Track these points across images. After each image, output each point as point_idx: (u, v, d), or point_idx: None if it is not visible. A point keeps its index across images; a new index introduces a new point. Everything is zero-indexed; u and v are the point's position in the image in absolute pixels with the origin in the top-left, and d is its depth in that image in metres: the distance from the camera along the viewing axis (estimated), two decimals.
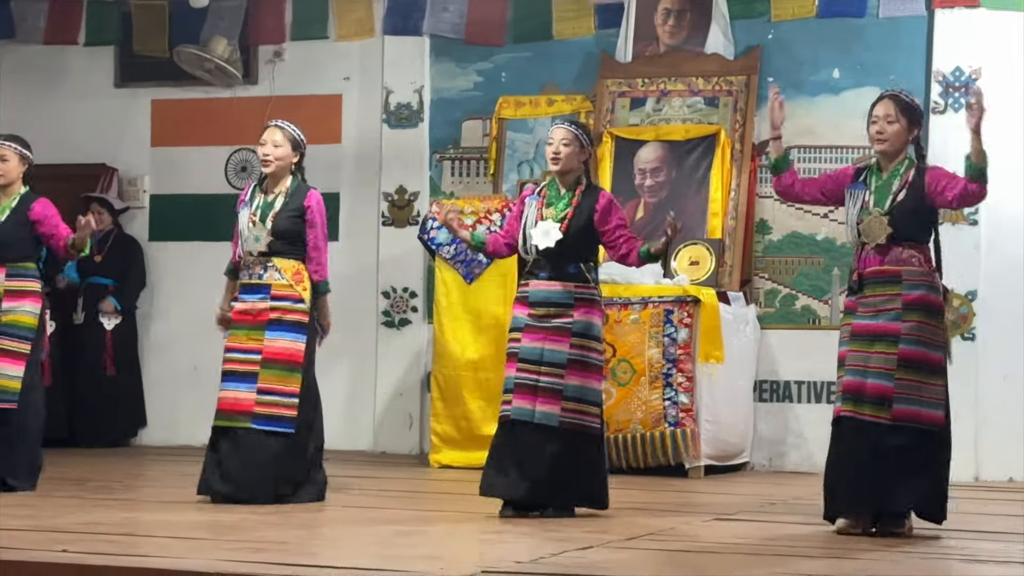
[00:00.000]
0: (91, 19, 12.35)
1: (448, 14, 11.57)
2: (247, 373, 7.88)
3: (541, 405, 7.29)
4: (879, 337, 6.92)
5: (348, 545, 6.43)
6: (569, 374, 7.31)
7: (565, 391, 7.30)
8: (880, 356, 6.89)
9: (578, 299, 7.36)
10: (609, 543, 6.46)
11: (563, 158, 7.43)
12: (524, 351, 7.36)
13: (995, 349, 10.34)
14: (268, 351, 7.89)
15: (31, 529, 6.56)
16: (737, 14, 11.00)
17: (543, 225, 7.41)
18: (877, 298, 6.97)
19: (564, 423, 7.29)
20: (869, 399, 6.86)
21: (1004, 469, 10.28)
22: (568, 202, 7.44)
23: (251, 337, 7.92)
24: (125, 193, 12.26)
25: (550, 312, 7.36)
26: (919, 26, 10.63)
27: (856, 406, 6.88)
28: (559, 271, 7.39)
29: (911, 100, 7.15)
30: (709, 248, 10.44)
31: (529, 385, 7.32)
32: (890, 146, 7.07)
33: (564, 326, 7.33)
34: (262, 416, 7.85)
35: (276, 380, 7.89)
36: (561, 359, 7.31)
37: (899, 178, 7.07)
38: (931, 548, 6.58)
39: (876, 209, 7.02)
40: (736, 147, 10.72)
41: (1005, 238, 10.38)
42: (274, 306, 7.92)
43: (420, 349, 11.53)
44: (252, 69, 12.07)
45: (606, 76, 11.16)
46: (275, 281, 7.95)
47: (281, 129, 8.12)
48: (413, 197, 11.65)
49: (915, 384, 6.87)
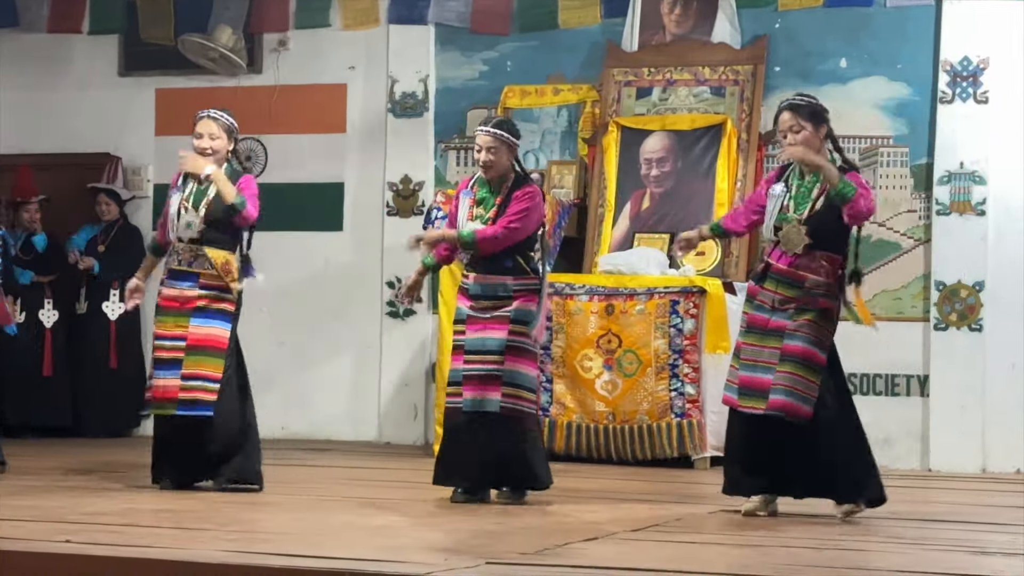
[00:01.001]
0: (95, 7, 12.32)
1: (454, 3, 11.53)
2: (173, 360, 7.90)
3: (490, 393, 7.43)
4: (769, 332, 7.08)
5: (352, 536, 6.41)
6: (507, 360, 7.44)
7: (503, 377, 7.43)
8: (768, 351, 7.07)
9: (517, 291, 7.51)
10: (614, 534, 6.44)
11: (494, 164, 7.54)
12: (469, 343, 7.50)
13: (1002, 340, 10.31)
14: (192, 337, 7.91)
15: (34, 519, 6.55)
16: (744, 3, 10.96)
17: (469, 227, 7.52)
18: (776, 296, 7.10)
19: (504, 408, 7.44)
20: (756, 392, 7.06)
21: (1011, 460, 10.26)
22: (493, 202, 7.56)
23: (178, 324, 7.94)
24: (129, 182, 12.24)
25: (489, 304, 7.51)
26: (927, 15, 10.59)
27: (749, 400, 7.08)
28: (494, 266, 7.53)
29: (808, 102, 7.20)
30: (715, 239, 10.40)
31: (478, 375, 7.46)
32: (802, 152, 7.09)
33: (503, 315, 7.47)
34: (185, 402, 7.88)
35: (198, 366, 7.90)
36: (500, 346, 7.43)
37: (819, 184, 7.10)
38: (938, 540, 6.55)
39: (795, 216, 7.09)
40: (742, 137, 10.69)
41: (1013, 229, 10.34)
42: (202, 294, 7.93)
43: (424, 339, 11.51)
44: (257, 58, 12.04)
45: (612, 65, 11.12)
46: (204, 270, 7.95)
47: (215, 120, 8.07)
48: (418, 187, 11.62)
49: (789, 376, 7.01)
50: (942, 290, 10.39)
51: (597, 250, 10.69)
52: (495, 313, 7.47)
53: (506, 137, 7.55)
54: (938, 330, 10.40)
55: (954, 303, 10.37)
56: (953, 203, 10.41)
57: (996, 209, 10.35)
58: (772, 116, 10.44)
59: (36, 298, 11.76)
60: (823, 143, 7.15)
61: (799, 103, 7.18)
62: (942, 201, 10.42)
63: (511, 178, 7.58)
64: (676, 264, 10.26)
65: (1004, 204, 10.33)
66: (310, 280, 11.86)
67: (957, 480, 9.67)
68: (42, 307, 11.77)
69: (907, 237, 10.55)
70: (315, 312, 11.80)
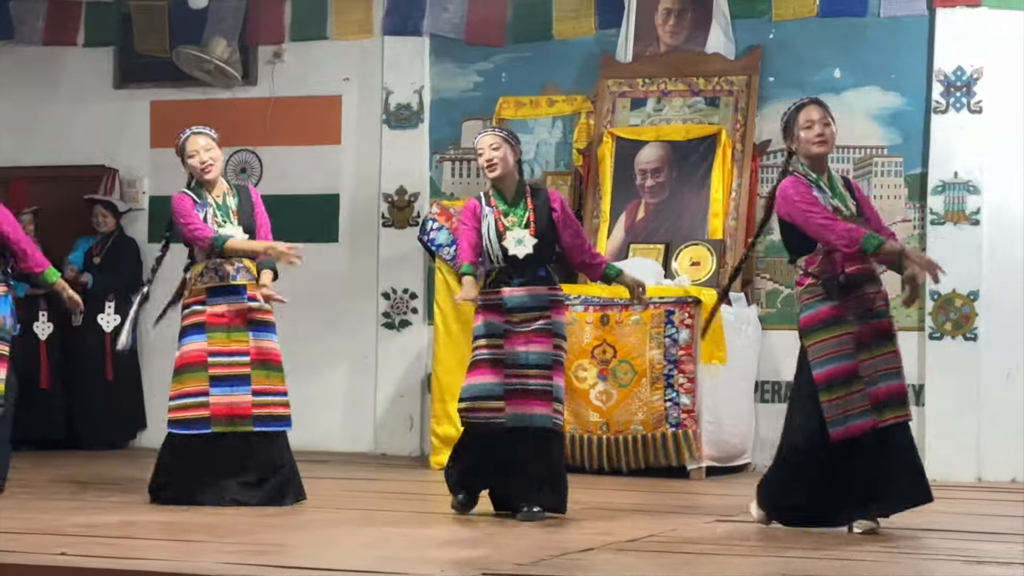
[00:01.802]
0: (90, 20, 12.33)
1: (448, 14, 11.55)
2: (237, 376, 7.84)
3: (539, 408, 7.33)
4: (879, 338, 6.96)
5: (348, 547, 6.41)
6: (555, 375, 7.39)
7: (554, 391, 7.37)
8: (883, 357, 6.93)
9: (552, 301, 7.47)
10: (610, 544, 6.44)
11: (499, 162, 7.49)
12: (510, 356, 7.39)
13: (997, 349, 10.32)
14: (256, 351, 7.89)
15: (30, 531, 6.55)
16: (738, 14, 10.97)
17: (512, 235, 7.45)
18: (866, 297, 6.96)
19: (555, 423, 7.38)
20: (892, 402, 6.91)
21: (1007, 469, 10.26)
22: (525, 206, 7.50)
23: (232, 339, 7.89)
24: (125, 195, 12.25)
25: (528, 316, 7.42)
26: (920, 25, 10.61)
27: (882, 414, 6.88)
28: (531, 276, 7.47)
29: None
30: (710, 249, 10.42)
31: (520, 390, 7.36)
32: (830, 148, 7.14)
33: (545, 328, 7.40)
34: (261, 417, 7.85)
35: (268, 380, 7.91)
36: (548, 361, 7.38)
37: (848, 188, 7.15)
38: (934, 550, 6.56)
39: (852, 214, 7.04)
40: (737, 147, 10.70)
41: (1007, 238, 10.36)
42: (252, 307, 7.93)
43: (421, 350, 11.51)
44: (252, 70, 12.05)
45: (607, 76, 11.14)
46: (248, 281, 7.95)
47: (204, 134, 8.07)
48: (413, 198, 11.63)
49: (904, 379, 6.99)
50: (937, 299, 10.40)
51: None
52: (535, 326, 7.37)
53: (506, 135, 7.54)
54: (933, 339, 10.41)
55: (949, 312, 10.39)
56: (947, 213, 10.43)
57: (990, 219, 10.37)
58: (767, 127, 10.61)
59: (31, 311, 11.76)
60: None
61: (821, 101, 7.21)
62: (936, 211, 10.44)
63: (522, 182, 7.56)
64: (671, 274, 10.27)
65: (998, 214, 10.35)
66: (306, 291, 11.84)
67: (953, 489, 9.66)
68: (37, 319, 11.77)
69: None
70: (311, 323, 11.79)
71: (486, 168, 7.54)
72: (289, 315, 11.63)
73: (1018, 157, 10.36)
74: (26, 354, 11.65)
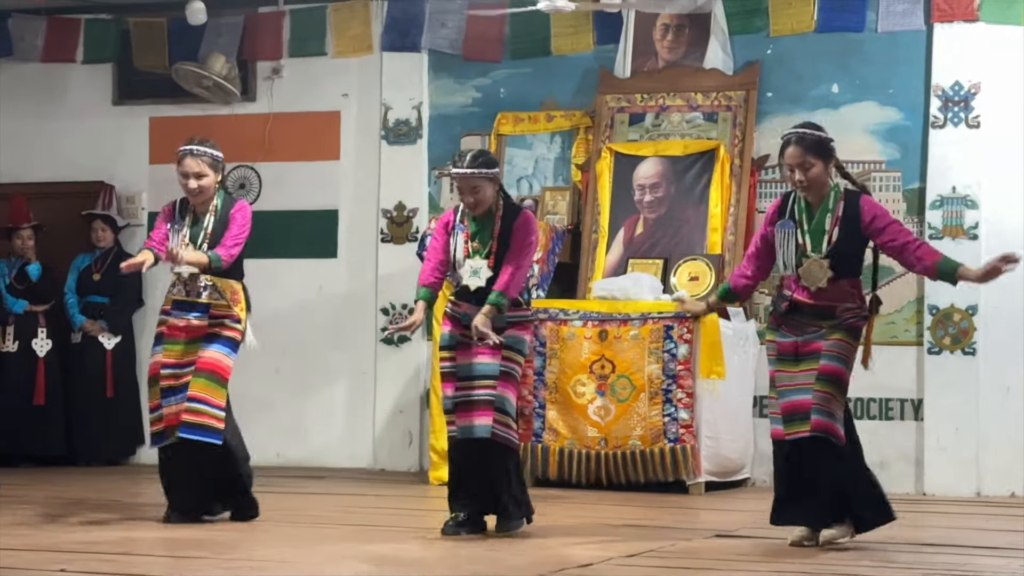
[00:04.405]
0: (89, 37, 12.34)
1: (446, 30, 11.56)
2: (181, 386, 7.74)
3: (479, 419, 7.33)
4: (802, 358, 7.02)
5: (348, 563, 6.40)
6: (501, 385, 7.36)
7: (496, 402, 7.33)
8: (803, 374, 6.98)
9: (509, 322, 7.38)
10: (610, 560, 6.44)
11: (479, 203, 7.42)
12: (460, 369, 7.40)
13: (996, 363, 10.32)
14: (201, 361, 7.76)
15: (30, 548, 6.54)
16: (736, 29, 10.98)
17: (470, 264, 7.41)
18: (807, 324, 7.03)
19: (496, 434, 7.33)
20: (799, 416, 6.95)
21: (1006, 484, 10.26)
22: (491, 233, 7.43)
23: (186, 352, 7.78)
24: (124, 211, 12.25)
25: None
26: (918, 40, 10.62)
27: (794, 426, 6.97)
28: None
29: (814, 136, 7.09)
30: (709, 264, 10.42)
31: (466, 402, 7.36)
32: (815, 191, 7.07)
33: (495, 343, 7.34)
34: (191, 425, 7.69)
35: (204, 389, 7.73)
36: (494, 371, 7.36)
37: (830, 214, 7.05)
38: (933, 565, 6.55)
39: (814, 254, 7.01)
40: (735, 162, 10.71)
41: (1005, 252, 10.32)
42: (212, 323, 7.80)
43: (419, 366, 11.51)
44: (250, 86, 12.06)
45: (605, 92, 11.15)
46: (214, 300, 7.81)
47: (199, 157, 7.91)
48: (412, 213, 11.64)
49: (828, 397, 6.94)
50: (935, 314, 10.40)
51: (591, 276, 10.70)
52: (487, 340, 7.33)
53: (481, 171, 7.38)
54: (932, 354, 10.41)
55: (947, 327, 10.39)
56: (946, 227, 10.44)
57: (988, 233, 10.37)
58: (765, 142, 10.62)
59: (29, 327, 11.76)
60: (830, 175, 7.10)
61: (805, 136, 7.05)
62: (935, 225, 10.45)
63: (500, 206, 7.48)
64: (670, 290, 10.26)
65: (996, 228, 10.35)
66: (305, 307, 11.87)
67: (952, 504, 9.67)
68: (35, 336, 11.77)
69: None
70: (310, 339, 11.81)
71: (470, 207, 7.45)
72: (288, 330, 11.72)
73: (1016, 171, 10.37)
74: (24, 371, 11.68)
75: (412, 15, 11.59)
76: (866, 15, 10.72)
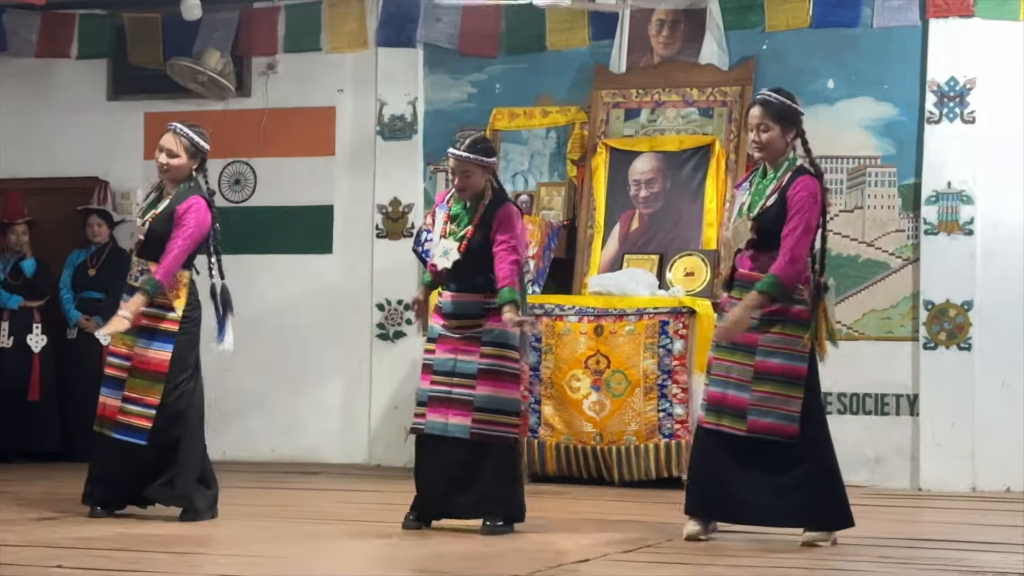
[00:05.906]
0: (83, 32, 12.32)
1: (441, 25, 11.55)
2: (117, 379, 7.72)
3: (453, 417, 7.30)
4: (738, 347, 6.91)
5: (344, 559, 6.40)
6: (480, 384, 7.28)
7: (475, 402, 7.27)
8: (738, 367, 6.90)
9: (489, 309, 7.31)
10: (605, 556, 6.44)
11: (466, 188, 7.39)
12: (437, 363, 7.38)
13: (992, 359, 10.32)
14: (136, 359, 7.69)
15: (25, 545, 6.54)
16: (731, 24, 10.98)
17: (442, 244, 7.38)
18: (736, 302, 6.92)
19: (474, 434, 7.27)
20: (729, 411, 6.88)
21: (1001, 479, 10.26)
22: (470, 219, 7.39)
23: (124, 342, 7.72)
24: (118, 206, 12.23)
25: (462, 323, 7.36)
26: (913, 36, 10.62)
27: (718, 418, 6.91)
28: (466, 283, 7.36)
29: (780, 101, 7.00)
30: (704, 259, 10.42)
31: (442, 398, 7.34)
32: (767, 154, 7.00)
33: (474, 336, 7.32)
34: (122, 425, 7.68)
35: (137, 390, 7.67)
36: (472, 370, 7.30)
37: (775, 182, 6.97)
38: (929, 560, 6.56)
39: (748, 212, 6.97)
40: (731, 157, 10.71)
41: (1001, 248, 10.36)
42: (145, 312, 7.64)
43: (415, 361, 11.47)
44: (245, 81, 12.05)
45: (600, 87, 11.15)
46: (145, 286, 7.63)
47: (178, 135, 7.82)
48: (407, 209, 11.63)
49: (769, 396, 6.83)
50: (931, 309, 10.41)
51: (586, 271, 10.70)
52: (467, 333, 7.31)
53: (475, 157, 7.35)
54: (927, 349, 10.42)
55: (943, 322, 10.39)
56: (941, 223, 10.44)
57: (984, 228, 10.38)
58: None
59: (24, 323, 11.75)
60: (789, 145, 7.00)
61: (770, 100, 6.99)
62: (930, 221, 10.45)
63: (488, 196, 7.42)
64: (665, 285, 10.27)
65: (992, 223, 10.36)
66: (300, 303, 11.86)
67: (947, 499, 9.68)
68: (30, 332, 11.76)
69: (895, 257, 10.57)
70: (305, 335, 11.80)
71: (459, 190, 7.42)
72: (283, 326, 11.72)
73: (1011, 167, 10.37)
74: (19, 366, 11.67)
75: (407, 10, 11.58)
76: (861, 10, 10.72)
